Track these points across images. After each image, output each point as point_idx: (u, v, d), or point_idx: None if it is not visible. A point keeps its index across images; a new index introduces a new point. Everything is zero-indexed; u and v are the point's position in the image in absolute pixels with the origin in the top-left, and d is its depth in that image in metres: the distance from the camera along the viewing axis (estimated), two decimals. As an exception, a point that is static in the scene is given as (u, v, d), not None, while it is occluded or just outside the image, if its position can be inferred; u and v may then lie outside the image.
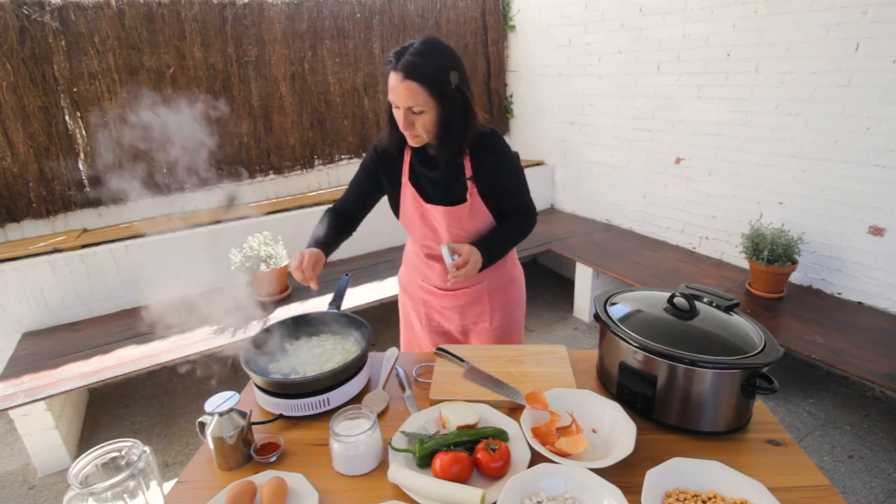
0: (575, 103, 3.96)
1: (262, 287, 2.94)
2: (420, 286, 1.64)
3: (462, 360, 1.29)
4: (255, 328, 2.64)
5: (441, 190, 1.43)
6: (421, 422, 1.08)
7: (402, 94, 1.21)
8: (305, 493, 0.92)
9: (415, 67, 1.19)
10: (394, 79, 1.21)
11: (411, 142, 1.33)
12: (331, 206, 1.61)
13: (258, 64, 3.31)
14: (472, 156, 1.39)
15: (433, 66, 1.21)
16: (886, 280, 2.47)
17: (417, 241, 1.57)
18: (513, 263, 1.67)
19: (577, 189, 4.16)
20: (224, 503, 0.88)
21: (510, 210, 1.50)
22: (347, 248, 3.66)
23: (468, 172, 1.40)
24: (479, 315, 1.61)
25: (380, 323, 3.65)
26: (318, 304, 2.85)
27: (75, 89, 2.84)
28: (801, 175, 2.68)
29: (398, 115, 1.27)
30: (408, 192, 1.45)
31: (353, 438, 0.95)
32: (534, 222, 1.55)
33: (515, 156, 1.46)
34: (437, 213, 1.43)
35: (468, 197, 1.41)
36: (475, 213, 1.44)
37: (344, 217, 1.58)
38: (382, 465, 1.00)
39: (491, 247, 1.44)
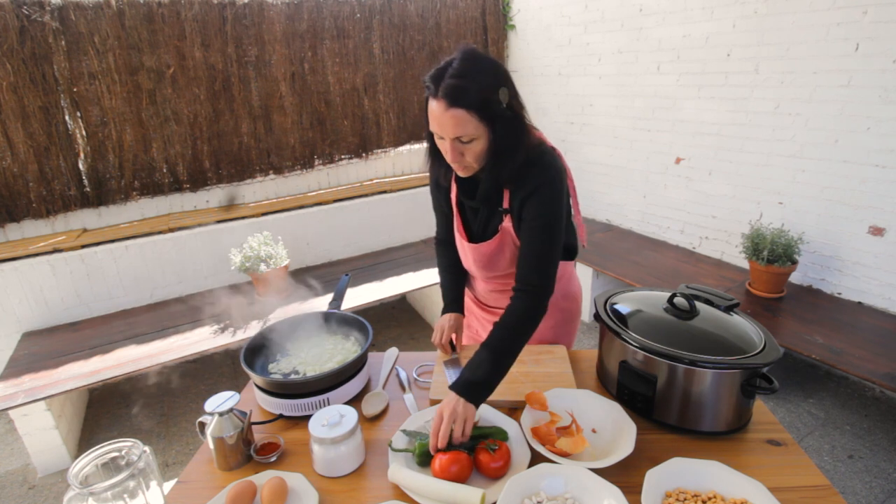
0: (575, 103, 3.96)
1: (262, 287, 2.94)
2: (467, 292, 1.56)
3: (454, 350, 1.32)
4: (255, 328, 2.64)
5: (480, 220, 1.30)
6: (421, 422, 1.08)
7: (448, 124, 1.04)
8: (305, 493, 0.92)
9: (460, 92, 1.01)
10: (436, 107, 1.04)
11: (460, 173, 1.18)
12: (437, 239, 1.52)
13: (258, 64, 3.31)
14: (512, 182, 1.19)
15: (479, 86, 1.03)
16: (886, 280, 2.47)
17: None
18: (569, 278, 1.45)
19: (578, 189, 4.13)
20: (224, 503, 0.88)
21: (521, 271, 1.16)
22: (347, 249, 3.66)
23: (505, 203, 1.22)
24: None
25: (380, 323, 3.65)
26: (318, 304, 2.85)
27: (75, 89, 2.84)
28: (801, 175, 2.68)
29: (443, 147, 1.11)
30: (456, 215, 1.37)
31: (331, 439, 0.95)
32: (541, 310, 1.13)
33: (560, 189, 1.15)
34: (464, 244, 1.34)
35: (499, 230, 1.25)
36: (506, 251, 1.28)
37: (454, 248, 1.47)
38: (365, 465, 1.00)
39: (476, 377, 1.04)
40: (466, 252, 1.37)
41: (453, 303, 1.43)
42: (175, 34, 3.00)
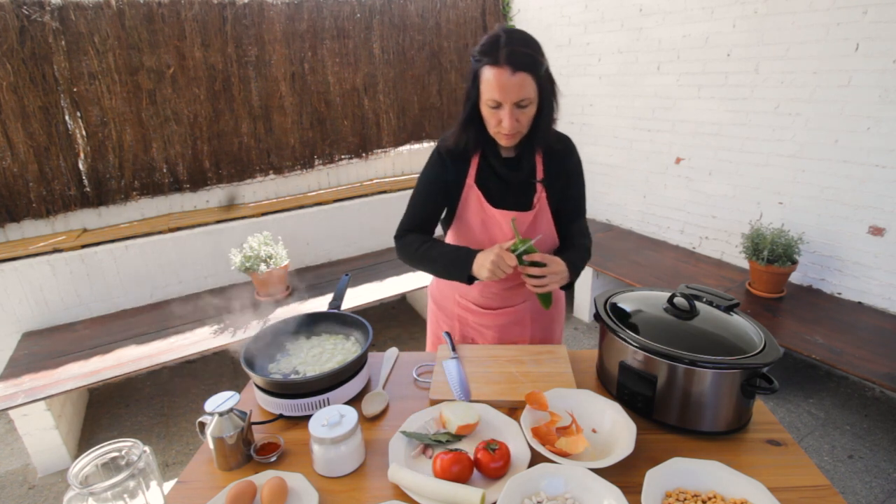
0: (575, 103, 3.96)
1: (262, 287, 2.94)
2: (457, 302, 1.50)
3: (454, 350, 1.31)
4: (255, 328, 2.64)
5: (513, 193, 1.32)
6: (421, 422, 1.08)
7: (512, 88, 1.11)
8: (305, 493, 0.92)
9: (523, 57, 1.10)
10: (499, 75, 1.11)
11: (509, 141, 1.22)
12: (402, 230, 1.39)
13: (258, 64, 3.31)
14: (545, 156, 1.32)
15: (534, 52, 1.13)
16: (886, 280, 2.47)
17: None
18: None
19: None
20: (224, 503, 0.88)
21: (570, 226, 1.39)
22: (347, 249, 3.66)
23: (539, 174, 1.32)
24: (519, 335, 1.48)
25: (380, 323, 3.65)
26: (318, 304, 2.85)
27: (75, 89, 2.84)
28: (801, 175, 2.68)
29: (497, 115, 1.17)
30: (472, 195, 1.32)
31: (331, 439, 0.95)
32: (590, 247, 1.40)
33: None
34: (503, 219, 1.31)
35: (535, 202, 1.31)
36: (539, 222, 1.33)
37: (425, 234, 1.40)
38: (365, 465, 1.00)
39: (574, 262, 1.28)
40: (496, 227, 1.30)
41: (470, 249, 1.27)
42: (175, 34, 3.01)
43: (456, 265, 1.26)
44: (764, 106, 2.75)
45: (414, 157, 4.21)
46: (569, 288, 1.31)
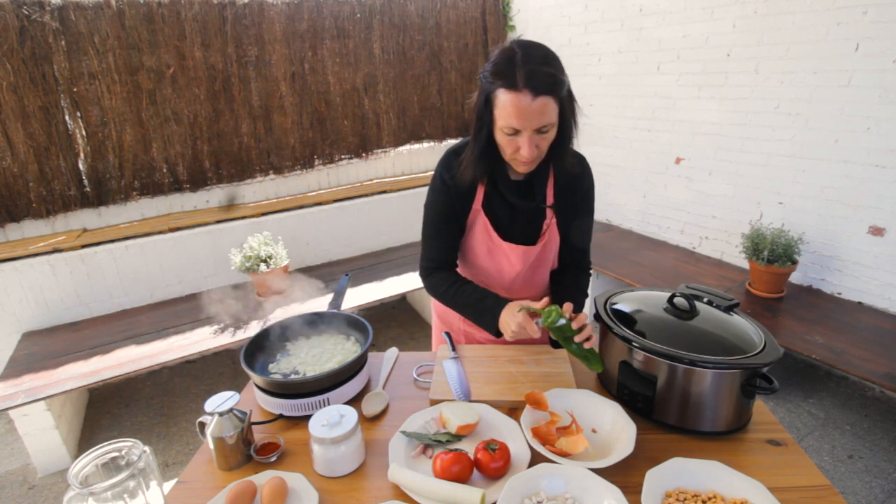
0: (575, 103, 3.95)
1: (262, 287, 2.94)
2: (466, 321, 1.44)
3: (454, 350, 1.31)
4: (255, 328, 2.64)
5: (521, 220, 1.24)
6: (421, 422, 1.08)
7: (533, 115, 1.00)
8: (305, 493, 0.92)
9: (544, 78, 0.98)
10: (518, 100, 0.98)
11: (527, 168, 1.11)
12: (430, 266, 1.32)
13: (258, 64, 3.31)
14: (556, 177, 1.21)
15: (556, 70, 1.01)
16: (886, 280, 2.47)
17: (476, 277, 1.34)
18: None
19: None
20: (224, 503, 0.88)
21: (572, 254, 1.30)
22: (347, 249, 3.66)
23: (550, 199, 1.22)
24: None
25: (380, 323, 3.65)
26: (318, 305, 2.85)
27: (75, 89, 2.84)
28: (801, 175, 2.68)
29: (515, 142, 1.05)
30: (479, 221, 1.24)
31: (331, 439, 0.95)
32: (587, 284, 1.33)
33: None
34: (511, 252, 1.24)
35: (544, 229, 1.24)
36: (547, 251, 1.27)
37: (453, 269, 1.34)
38: (365, 465, 1.00)
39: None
40: (504, 258, 1.26)
41: (496, 296, 1.22)
42: (175, 34, 3.01)
43: (485, 317, 1.20)
44: (764, 106, 2.75)
45: (414, 157, 4.21)
46: None
